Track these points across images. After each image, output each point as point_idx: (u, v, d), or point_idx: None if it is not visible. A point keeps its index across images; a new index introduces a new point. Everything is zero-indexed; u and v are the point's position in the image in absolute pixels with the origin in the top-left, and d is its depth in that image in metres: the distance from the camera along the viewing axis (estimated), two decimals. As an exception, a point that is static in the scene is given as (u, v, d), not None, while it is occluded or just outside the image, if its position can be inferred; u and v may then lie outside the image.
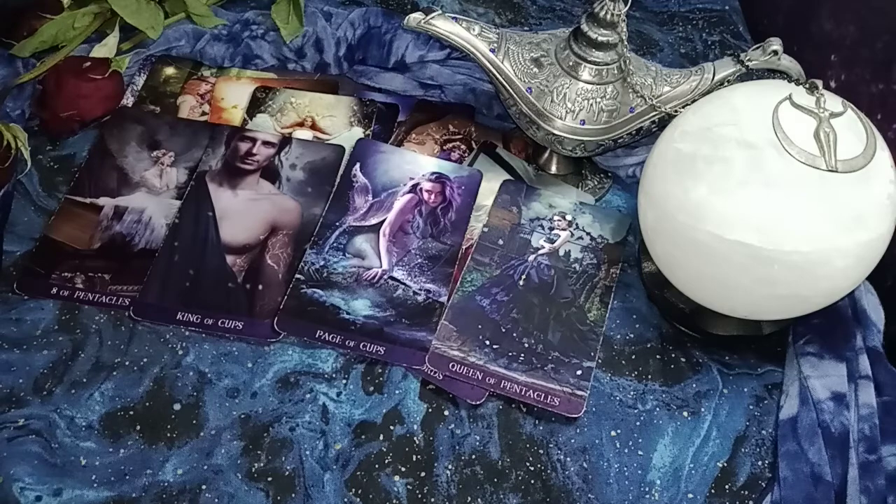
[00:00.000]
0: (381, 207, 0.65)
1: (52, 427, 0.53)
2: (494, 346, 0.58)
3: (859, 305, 0.60)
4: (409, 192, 0.66)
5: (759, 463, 0.55)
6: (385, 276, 0.61)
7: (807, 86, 0.52)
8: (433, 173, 0.67)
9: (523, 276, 0.62)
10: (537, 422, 0.56)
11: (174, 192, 0.65)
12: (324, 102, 0.71)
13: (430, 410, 0.56)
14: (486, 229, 0.64)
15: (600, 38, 0.60)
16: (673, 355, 0.60)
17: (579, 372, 0.57)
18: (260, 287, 0.60)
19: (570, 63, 0.61)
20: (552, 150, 0.67)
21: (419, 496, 0.52)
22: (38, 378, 0.55)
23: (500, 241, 0.63)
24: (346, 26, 0.74)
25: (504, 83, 0.62)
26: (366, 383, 0.57)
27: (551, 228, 0.64)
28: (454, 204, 0.65)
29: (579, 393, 0.56)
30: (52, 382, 0.55)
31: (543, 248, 0.63)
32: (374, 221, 0.64)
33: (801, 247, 0.49)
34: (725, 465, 0.55)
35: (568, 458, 0.55)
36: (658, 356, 0.59)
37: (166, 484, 0.52)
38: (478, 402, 0.56)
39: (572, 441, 0.55)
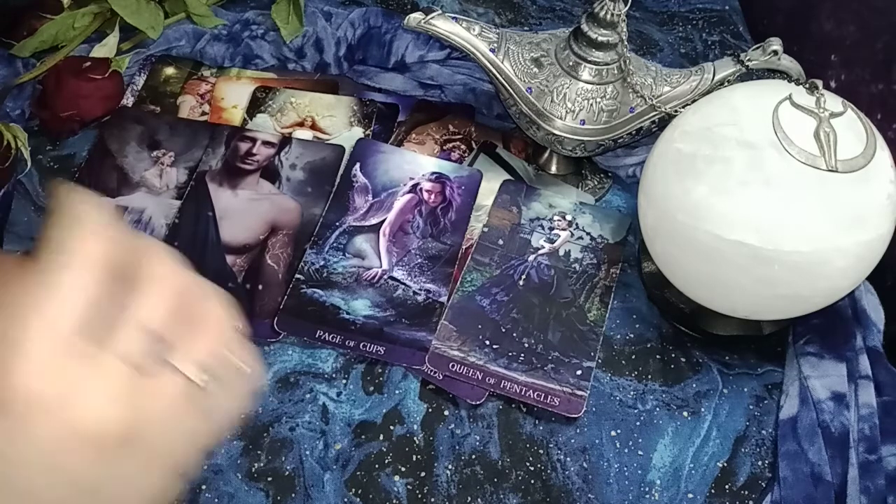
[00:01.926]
0: (381, 207, 0.65)
1: (52, 427, 0.53)
2: (494, 346, 0.58)
3: (859, 305, 0.60)
4: (409, 192, 0.66)
5: (759, 463, 0.55)
6: (385, 276, 0.61)
7: (807, 86, 0.52)
8: (433, 173, 0.67)
9: (523, 276, 0.62)
10: (537, 422, 0.56)
11: (174, 192, 0.65)
12: (324, 102, 0.71)
13: (430, 410, 0.56)
14: (486, 229, 0.64)
15: (600, 38, 0.60)
16: (673, 355, 0.60)
17: (579, 372, 0.57)
18: (260, 287, 0.60)
19: (570, 63, 0.61)
20: (552, 150, 0.67)
21: (419, 496, 0.52)
22: (38, 378, 0.55)
23: (500, 241, 0.63)
24: (346, 26, 0.74)
25: (504, 83, 0.62)
26: (366, 383, 0.57)
27: (551, 228, 0.64)
28: (454, 204, 0.65)
29: (579, 393, 0.56)
30: (52, 382, 0.55)
31: (543, 248, 0.63)
32: (374, 221, 0.64)
33: (801, 247, 0.49)
34: (725, 465, 0.55)
35: (568, 458, 0.55)
36: (658, 356, 0.59)
37: (166, 484, 0.52)
38: (478, 402, 0.56)
39: (572, 441, 0.55)
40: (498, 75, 0.62)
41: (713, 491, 0.54)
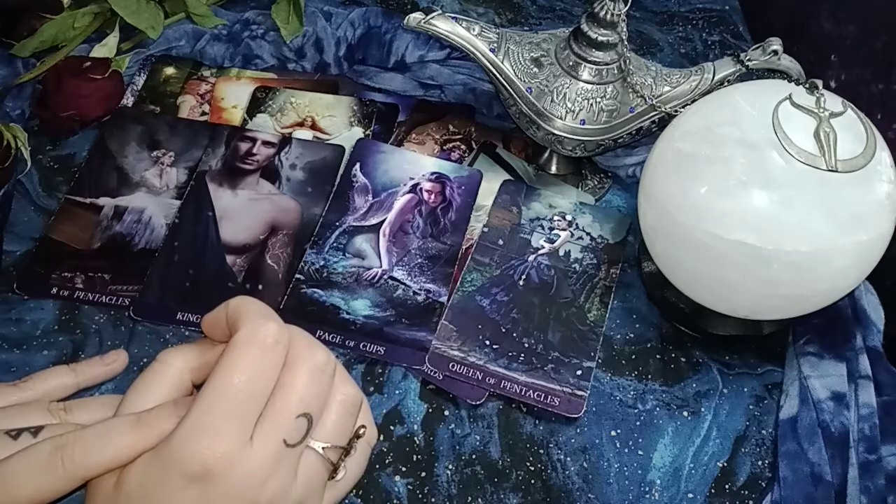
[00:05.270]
0: (381, 207, 0.65)
1: (52, 427, 0.53)
2: (494, 346, 0.58)
3: (859, 305, 0.60)
4: (409, 192, 0.66)
5: (759, 463, 0.55)
6: (385, 276, 0.61)
7: (807, 86, 0.52)
8: (433, 173, 0.67)
9: (523, 276, 0.62)
10: (537, 422, 0.56)
11: (174, 192, 0.65)
12: (324, 102, 0.71)
13: (430, 410, 0.56)
14: (486, 229, 0.64)
15: (600, 38, 0.60)
16: (673, 355, 0.60)
17: (579, 372, 0.57)
18: (260, 287, 0.60)
19: (570, 63, 0.61)
20: (552, 150, 0.67)
21: (419, 496, 0.52)
22: (39, 378, 0.55)
23: (500, 241, 0.63)
24: (346, 26, 0.74)
25: (504, 83, 0.62)
26: (366, 383, 0.57)
27: (551, 228, 0.64)
28: (454, 204, 0.65)
29: (579, 393, 0.56)
30: (52, 382, 0.55)
31: (543, 248, 0.63)
32: (374, 221, 0.64)
33: (801, 247, 0.49)
34: (725, 464, 0.55)
35: (568, 458, 0.55)
36: (658, 356, 0.59)
37: (166, 484, 0.52)
38: (478, 402, 0.56)
39: (572, 441, 0.55)
40: (498, 75, 0.62)
41: (713, 491, 0.54)
